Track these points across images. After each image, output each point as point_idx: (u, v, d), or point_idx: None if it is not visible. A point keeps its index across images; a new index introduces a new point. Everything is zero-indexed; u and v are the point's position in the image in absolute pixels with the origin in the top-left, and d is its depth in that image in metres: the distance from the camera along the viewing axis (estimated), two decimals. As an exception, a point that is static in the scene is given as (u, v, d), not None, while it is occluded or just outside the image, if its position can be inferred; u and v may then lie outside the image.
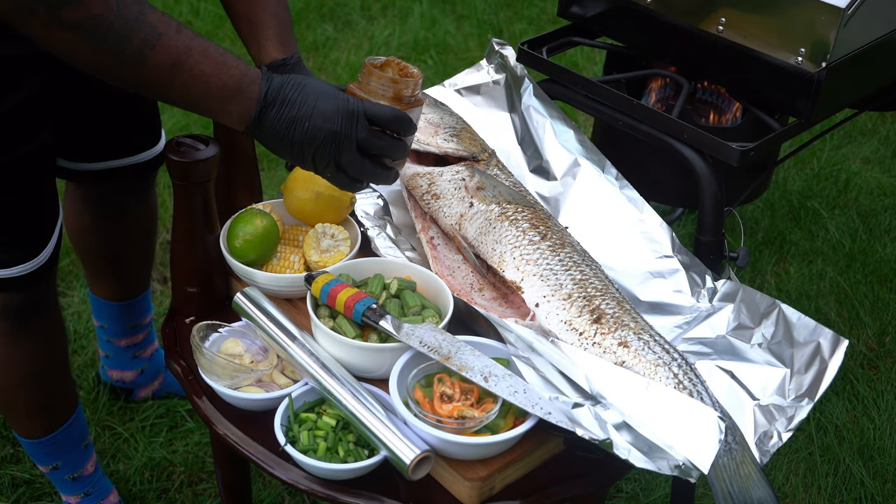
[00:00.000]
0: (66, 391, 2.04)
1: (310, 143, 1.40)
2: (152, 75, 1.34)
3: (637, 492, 2.31)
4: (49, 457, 2.06)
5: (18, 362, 1.90)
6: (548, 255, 1.61)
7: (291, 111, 1.39)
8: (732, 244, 1.84)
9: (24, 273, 1.77)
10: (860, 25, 1.78)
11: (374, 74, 1.47)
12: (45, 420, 2.01)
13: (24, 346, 1.89)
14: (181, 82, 1.35)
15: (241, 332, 1.61)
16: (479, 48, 3.95)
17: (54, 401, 2.01)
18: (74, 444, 2.07)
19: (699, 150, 1.82)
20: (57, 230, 1.81)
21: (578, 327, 1.53)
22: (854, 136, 3.55)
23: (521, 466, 1.46)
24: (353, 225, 1.76)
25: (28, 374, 1.92)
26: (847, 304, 2.83)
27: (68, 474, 2.10)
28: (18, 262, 1.75)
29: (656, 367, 1.48)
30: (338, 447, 1.45)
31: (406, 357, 1.49)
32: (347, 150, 1.41)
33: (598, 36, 2.15)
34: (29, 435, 2.03)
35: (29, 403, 1.98)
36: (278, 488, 2.28)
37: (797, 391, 1.51)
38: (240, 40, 1.70)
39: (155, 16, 1.33)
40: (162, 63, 1.33)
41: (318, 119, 1.39)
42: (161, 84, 1.36)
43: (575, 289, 1.57)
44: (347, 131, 1.40)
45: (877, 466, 2.39)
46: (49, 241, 1.79)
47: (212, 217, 1.68)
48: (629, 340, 1.51)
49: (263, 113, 1.39)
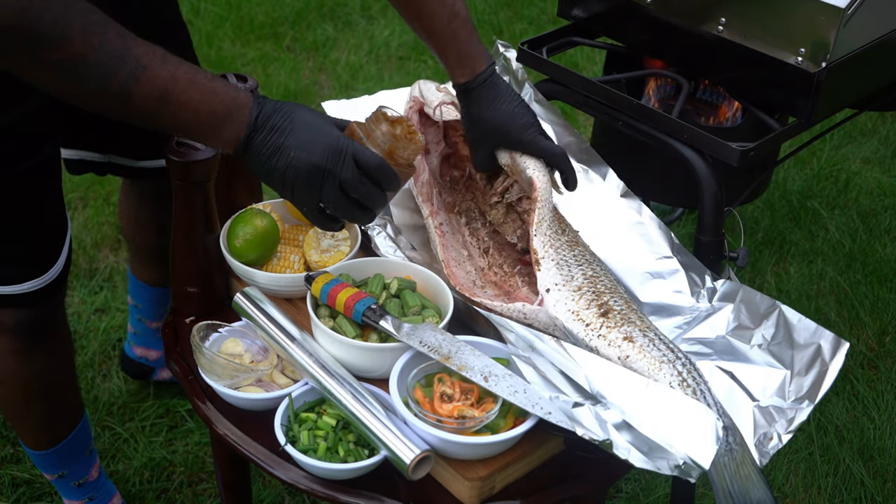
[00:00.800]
0: (73, 403, 2.05)
1: (293, 174, 1.37)
2: (139, 107, 1.32)
3: (637, 492, 2.31)
4: (55, 466, 2.07)
5: (27, 379, 1.91)
6: (565, 248, 1.62)
7: (279, 139, 1.36)
8: (732, 244, 1.84)
9: (35, 289, 1.77)
10: (860, 25, 1.78)
11: (380, 123, 1.44)
12: (52, 433, 2.02)
13: (33, 364, 1.89)
14: (169, 111, 1.32)
15: (241, 331, 1.61)
16: (479, 48, 3.95)
17: (61, 414, 2.02)
18: (80, 453, 2.08)
19: (699, 150, 1.82)
20: (66, 246, 1.80)
21: (585, 318, 1.54)
22: (854, 136, 3.55)
23: (521, 466, 1.46)
24: (354, 225, 1.76)
25: (36, 391, 1.93)
26: (847, 304, 2.83)
27: (74, 481, 2.11)
28: (28, 278, 1.75)
29: (661, 364, 1.48)
30: (338, 447, 1.45)
31: (406, 357, 1.49)
32: (330, 186, 1.38)
33: (598, 36, 2.15)
34: (36, 447, 2.04)
35: (36, 418, 1.99)
36: (278, 488, 2.28)
37: (797, 393, 1.51)
38: (239, 42, 1.71)
39: (140, 48, 1.29)
40: (148, 95, 1.31)
41: (304, 151, 1.36)
42: (149, 114, 1.33)
43: (585, 283, 1.58)
44: (333, 167, 1.37)
45: (877, 466, 2.39)
46: (59, 257, 1.79)
47: (212, 217, 1.68)
48: (634, 336, 1.51)
49: (251, 137, 1.36)
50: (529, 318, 1.56)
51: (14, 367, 1.88)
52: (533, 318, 1.56)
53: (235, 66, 3.71)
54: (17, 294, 1.76)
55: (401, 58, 3.93)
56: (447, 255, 1.67)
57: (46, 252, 1.78)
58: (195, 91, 1.33)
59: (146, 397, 2.49)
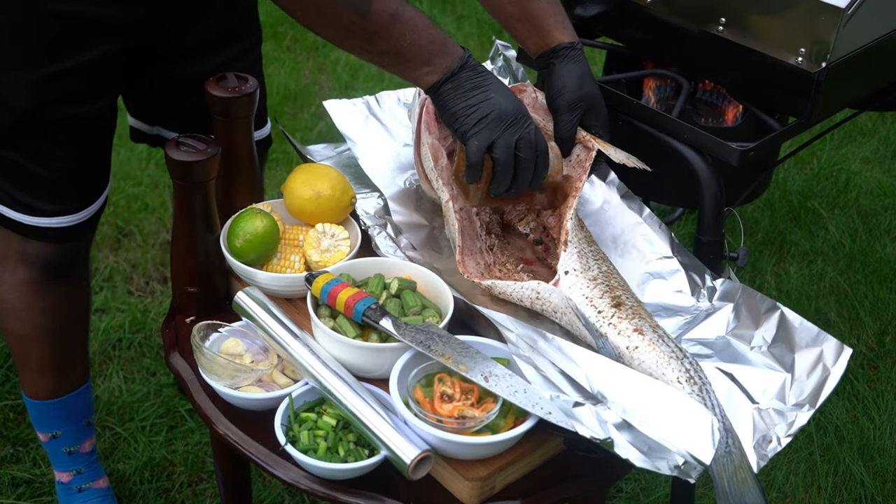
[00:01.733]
0: (80, 357, 2.07)
1: (487, 108, 1.52)
2: (374, 21, 1.46)
3: (637, 492, 2.31)
4: (50, 422, 2.07)
5: (39, 312, 1.93)
6: (585, 242, 1.64)
7: (483, 81, 1.53)
8: (732, 244, 1.84)
9: (66, 225, 1.83)
10: (860, 25, 1.78)
11: None
12: (54, 381, 2.03)
13: (46, 298, 1.92)
14: (398, 31, 1.47)
15: (241, 331, 1.61)
16: (479, 48, 3.96)
17: (66, 363, 2.04)
18: (77, 418, 2.09)
19: (699, 150, 1.82)
20: (104, 194, 1.88)
21: (598, 306, 1.55)
22: (854, 136, 3.55)
23: (522, 466, 1.46)
24: (354, 225, 1.76)
25: (46, 327, 1.95)
26: (847, 304, 2.83)
27: (65, 446, 2.11)
28: (63, 213, 1.82)
29: (669, 359, 1.48)
30: (338, 447, 1.45)
31: (406, 357, 1.49)
32: (510, 134, 1.53)
33: (598, 36, 2.15)
34: (35, 395, 2.05)
35: (41, 358, 2.00)
36: (278, 488, 2.28)
37: (798, 397, 1.51)
38: None
39: None
40: (383, 10, 1.46)
41: (502, 97, 1.53)
42: (379, 31, 1.47)
43: (600, 276, 1.60)
44: (520, 121, 1.54)
45: (877, 466, 2.39)
46: (96, 200, 1.86)
47: (212, 217, 1.68)
48: (645, 330, 1.52)
49: (461, 70, 1.52)
50: (542, 297, 1.57)
51: (28, 299, 1.91)
52: (546, 298, 1.57)
53: (235, 66, 3.70)
54: (47, 227, 1.82)
55: (401, 58, 3.93)
56: (464, 242, 1.67)
57: (84, 193, 1.84)
58: (419, 17, 1.50)
59: (146, 397, 2.49)
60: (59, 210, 1.82)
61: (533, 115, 1.76)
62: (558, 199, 1.74)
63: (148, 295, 2.81)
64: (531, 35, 1.76)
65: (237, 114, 1.73)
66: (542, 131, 1.77)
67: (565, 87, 1.72)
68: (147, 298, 2.80)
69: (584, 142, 1.73)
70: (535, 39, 1.76)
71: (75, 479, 2.16)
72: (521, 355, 1.47)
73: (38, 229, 1.83)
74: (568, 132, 1.72)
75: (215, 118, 1.74)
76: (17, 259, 1.89)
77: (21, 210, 1.81)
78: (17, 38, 1.68)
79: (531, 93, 1.78)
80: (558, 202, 1.74)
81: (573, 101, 1.71)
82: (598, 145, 1.71)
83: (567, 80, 1.72)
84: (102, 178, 1.88)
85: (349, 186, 1.76)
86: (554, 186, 1.73)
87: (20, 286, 1.91)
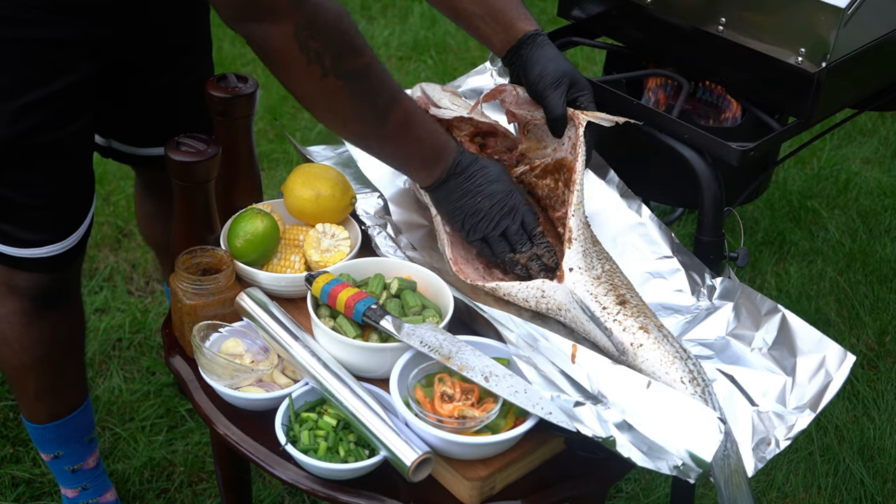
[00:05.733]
0: (77, 381, 2.05)
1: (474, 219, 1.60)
2: (391, 129, 1.51)
3: (637, 492, 2.31)
4: (52, 444, 2.07)
5: (33, 342, 1.92)
6: (589, 241, 1.64)
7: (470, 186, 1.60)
8: (732, 244, 1.84)
9: (53, 255, 1.80)
10: (860, 25, 1.78)
11: None
12: (53, 406, 2.02)
13: (40, 328, 1.91)
14: (406, 141, 1.54)
15: (241, 331, 1.61)
16: (479, 48, 3.95)
17: (64, 388, 2.02)
18: (79, 436, 2.08)
19: (699, 150, 1.82)
20: (89, 217, 1.85)
21: (603, 303, 1.55)
22: (854, 136, 3.55)
23: (522, 466, 1.46)
24: (354, 225, 1.76)
25: (41, 357, 1.94)
26: (847, 304, 2.83)
27: (69, 465, 2.11)
28: (48, 242, 1.79)
29: (673, 359, 1.48)
30: (338, 447, 1.45)
31: (406, 357, 1.49)
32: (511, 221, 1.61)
33: (598, 36, 2.15)
34: (35, 419, 2.04)
35: (38, 386, 1.99)
36: (278, 488, 2.28)
37: (798, 401, 1.51)
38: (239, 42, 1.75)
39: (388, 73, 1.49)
40: (400, 120, 1.51)
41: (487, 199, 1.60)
42: (393, 138, 1.53)
43: (604, 275, 1.60)
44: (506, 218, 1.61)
45: (877, 466, 2.39)
46: (80, 225, 1.83)
47: (212, 217, 1.68)
48: (650, 328, 1.52)
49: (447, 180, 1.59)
50: (547, 294, 1.57)
51: (21, 330, 1.90)
52: (550, 295, 1.57)
53: (235, 66, 3.71)
54: (35, 258, 1.80)
55: (401, 58, 3.93)
56: (455, 254, 1.67)
57: (68, 220, 1.82)
58: (430, 123, 1.57)
59: (146, 397, 2.49)
60: (44, 239, 1.79)
61: (519, 110, 1.77)
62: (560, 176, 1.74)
63: (148, 295, 2.81)
64: (496, 32, 1.76)
65: (237, 114, 1.73)
66: (531, 122, 1.77)
67: (545, 69, 1.72)
68: (147, 298, 2.80)
69: (573, 116, 1.73)
70: (501, 35, 1.76)
71: (81, 495, 2.16)
72: (521, 355, 1.47)
73: (26, 260, 1.80)
74: (559, 110, 1.71)
75: (215, 118, 1.74)
76: (6, 291, 1.86)
77: (6, 242, 1.78)
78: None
79: (511, 90, 1.78)
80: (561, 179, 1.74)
81: (556, 79, 1.71)
82: (587, 117, 1.70)
83: (544, 63, 1.72)
84: (86, 200, 1.84)
85: (349, 186, 1.76)
86: (549, 168, 1.74)
87: (11, 317, 1.89)
